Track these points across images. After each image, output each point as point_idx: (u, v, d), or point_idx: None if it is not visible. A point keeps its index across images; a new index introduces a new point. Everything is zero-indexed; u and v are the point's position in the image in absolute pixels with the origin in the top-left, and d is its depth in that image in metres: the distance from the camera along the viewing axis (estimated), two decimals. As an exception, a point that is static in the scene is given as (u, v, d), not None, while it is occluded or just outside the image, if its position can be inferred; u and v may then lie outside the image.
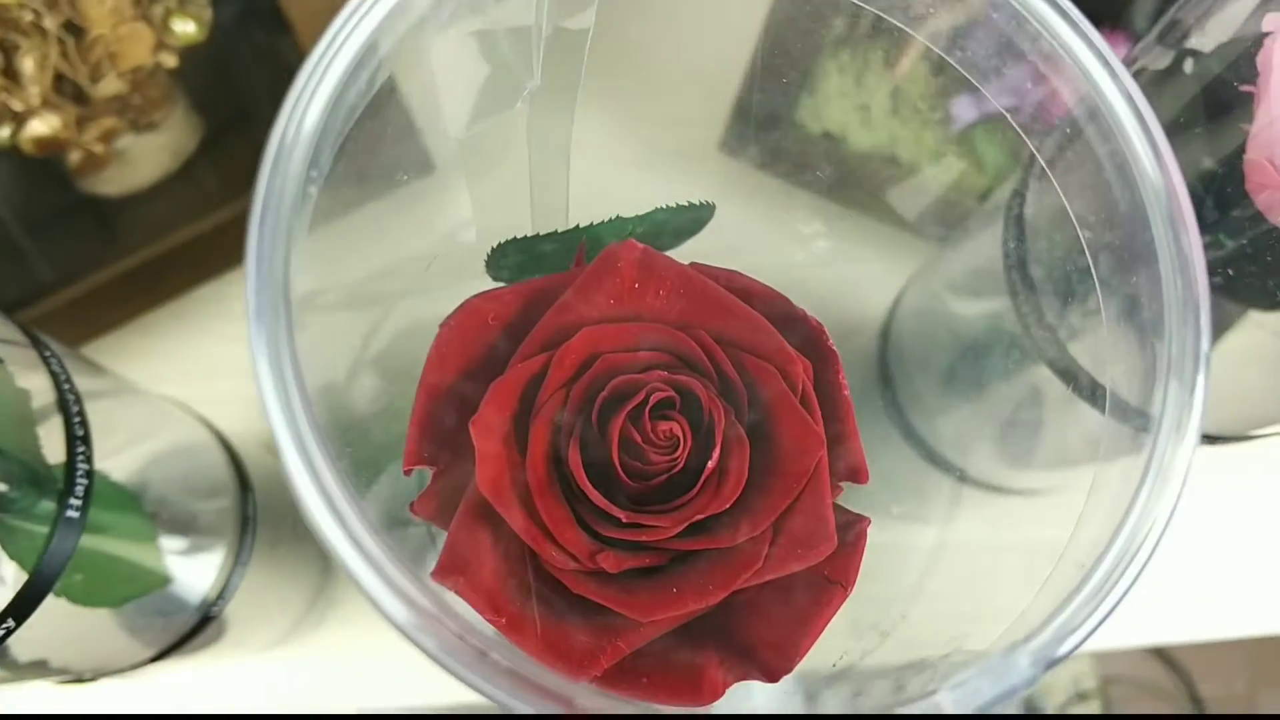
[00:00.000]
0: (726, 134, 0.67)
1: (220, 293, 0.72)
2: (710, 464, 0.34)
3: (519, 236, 0.39)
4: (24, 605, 0.40)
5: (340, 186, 0.32)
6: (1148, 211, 0.31)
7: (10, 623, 0.40)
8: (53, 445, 0.42)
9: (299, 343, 0.26)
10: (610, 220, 0.39)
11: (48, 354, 0.44)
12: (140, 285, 0.68)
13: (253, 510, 0.57)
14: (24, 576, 0.40)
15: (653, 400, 0.34)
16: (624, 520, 0.33)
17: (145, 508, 0.51)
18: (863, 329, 0.65)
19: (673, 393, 0.34)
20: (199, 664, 0.62)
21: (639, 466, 0.34)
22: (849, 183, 0.64)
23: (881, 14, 0.37)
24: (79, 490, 0.41)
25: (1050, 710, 1.43)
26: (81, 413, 0.43)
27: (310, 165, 0.27)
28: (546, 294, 0.36)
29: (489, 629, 0.31)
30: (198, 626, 0.54)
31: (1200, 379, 0.29)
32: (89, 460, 0.42)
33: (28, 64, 0.57)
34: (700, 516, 0.33)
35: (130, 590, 0.50)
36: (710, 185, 0.67)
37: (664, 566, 0.34)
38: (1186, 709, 1.46)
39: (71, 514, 0.41)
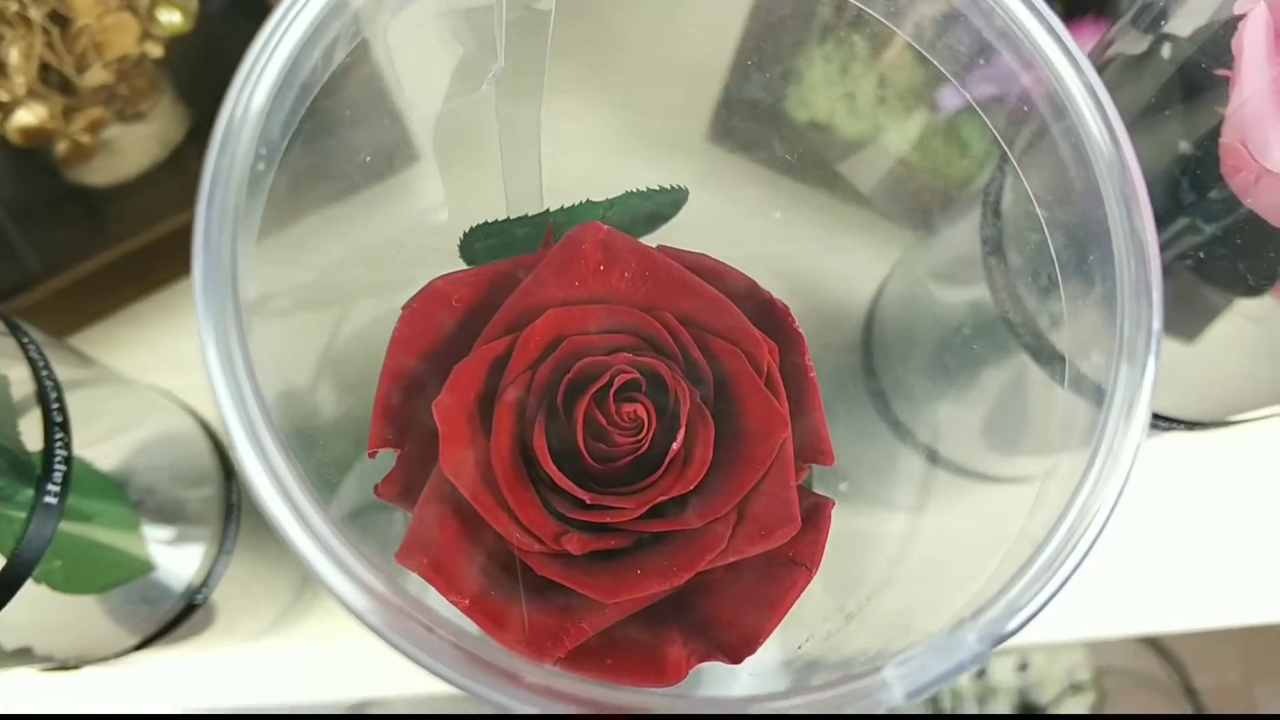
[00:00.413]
0: (714, 123, 0.67)
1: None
2: (675, 446, 0.34)
3: (492, 220, 0.39)
4: (1, 591, 0.40)
5: (303, 171, 0.32)
6: (1101, 189, 0.31)
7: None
8: (35, 433, 0.42)
9: (261, 337, 0.26)
10: (581, 204, 0.39)
11: (26, 341, 0.44)
12: (128, 275, 0.68)
13: (237, 498, 0.57)
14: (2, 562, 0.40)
15: (617, 382, 0.34)
16: (587, 502, 0.33)
17: (130, 495, 0.51)
18: (848, 317, 0.65)
19: (638, 375, 0.34)
20: (186, 653, 0.62)
21: (604, 449, 0.34)
22: (836, 171, 0.64)
23: (860, 4, 0.37)
24: (57, 476, 0.41)
25: (1044, 701, 1.43)
26: (60, 399, 0.43)
27: (259, 144, 0.27)
28: (511, 276, 0.36)
29: (450, 610, 0.31)
30: (182, 614, 0.54)
31: (1151, 360, 0.29)
32: (67, 447, 0.42)
33: (13, 54, 0.57)
34: (663, 498, 0.33)
35: (112, 577, 0.50)
36: (697, 174, 0.67)
37: (628, 548, 0.34)
38: (1181, 701, 1.46)
39: (49, 500, 0.41)
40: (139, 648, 0.53)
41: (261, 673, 0.68)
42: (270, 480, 0.25)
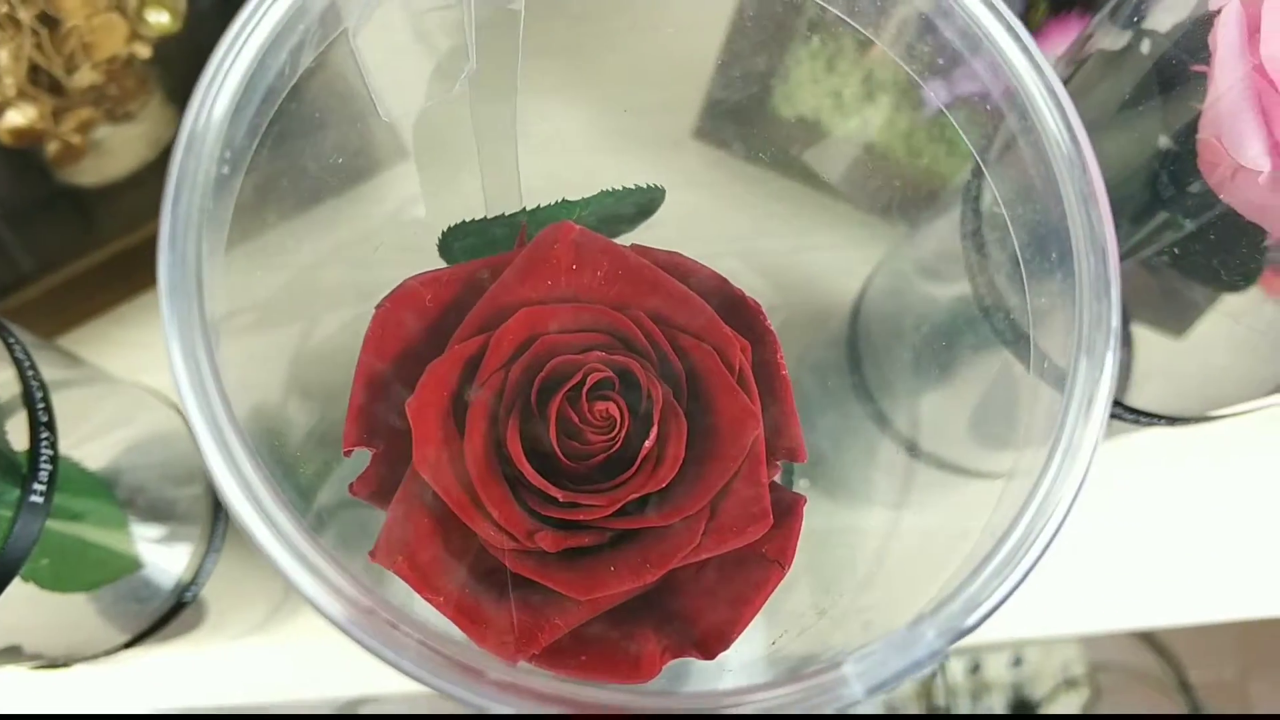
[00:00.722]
0: (700, 120, 0.68)
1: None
2: (647, 444, 0.34)
3: (471, 220, 0.39)
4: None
5: (273, 175, 0.32)
6: (1060, 188, 0.31)
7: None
8: (23, 433, 0.43)
9: (238, 340, 0.27)
10: (557, 204, 0.39)
11: (12, 341, 0.44)
12: (118, 275, 0.68)
13: (226, 497, 0.57)
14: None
15: (590, 381, 0.34)
16: (560, 499, 0.33)
17: (119, 494, 0.51)
18: (834, 313, 0.65)
19: (610, 373, 0.34)
20: (177, 651, 0.62)
21: (577, 447, 0.34)
22: (824, 167, 0.65)
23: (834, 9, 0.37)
24: (42, 475, 0.42)
25: (1039, 697, 1.43)
26: (46, 399, 0.43)
27: (224, 148, 0.27)
28: (483, 276, 0.36)
29: (426, 609, 0.32)
30: (172, 612, 0.54)
31: (1109, 356, 0.29)
32: (53, 446, 0.42)
33: (2, 55, 0.57)
34: (635, 496, 0.33)
35: (101, 576, 0.50)
36: (684, 171, 0.67)
37: (602, 546, 0.34)
38: (1176, 696, 1.46)
39: (35, 499, 0.41)
40: (129, 645, 0.54)
41: (252, 670, 0.68)
42: (233, 476, 0.25)
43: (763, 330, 0.36)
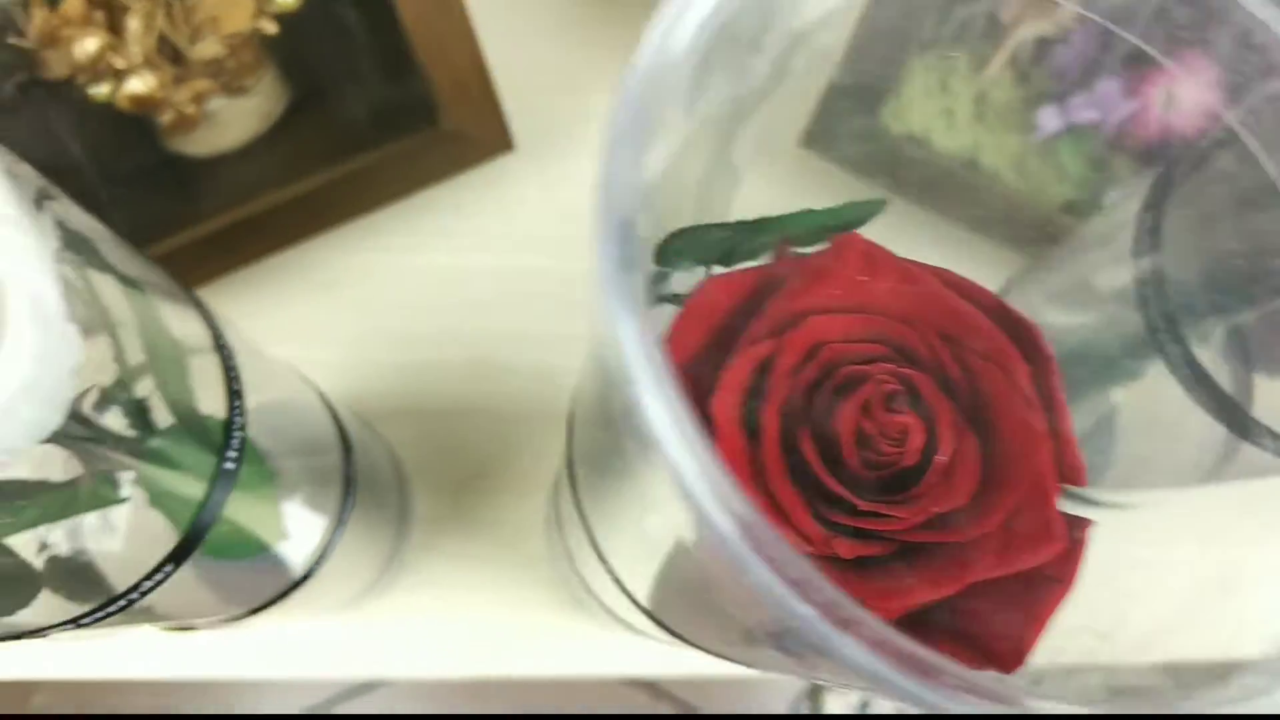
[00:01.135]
0: (808, 130, 0.68)
1: (297, 261, 0.72)
2: (941, 458, 0.34)
3: (689, 226, 0.40)
4: (183, 551, 0.41)
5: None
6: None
7: (170, 567, 0.41)
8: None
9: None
10: (800, 212, 0.40)
11: (205, 311, 0.44)
12: (221, 248, 0.68)
13: (354, 471, 0.57)
14: (158, 524, 0.41)
15: (883, 392, 0.35)
16: (861, 508, 0.34)
17: (267, 463, 0.51)
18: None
19: (899, 386, 0.35)
20: (266, 621, 0.62)
21: (871, 457, 0.34)
22: (931, 186, 0.65)
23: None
24: (235, 443, 0.42)
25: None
26: (235, 366, 0.44)
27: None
28: (774, 280, 0.36)
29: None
30: (299, 581, 0.55)
31: None
32: (243, 413, 0.43)
33: (134, 24, 0.57)
34: (940, 510, 0.34)
35: (257, 543, 0.51)
36: (787, 180, 0.68)
37: (890, 556, 0.35)
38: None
39: (229, 465, 0.42)
40: (253, 612, 0.54)
41: (336, 646, 0.68)
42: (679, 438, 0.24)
43: (1039, 352, 0.37)
